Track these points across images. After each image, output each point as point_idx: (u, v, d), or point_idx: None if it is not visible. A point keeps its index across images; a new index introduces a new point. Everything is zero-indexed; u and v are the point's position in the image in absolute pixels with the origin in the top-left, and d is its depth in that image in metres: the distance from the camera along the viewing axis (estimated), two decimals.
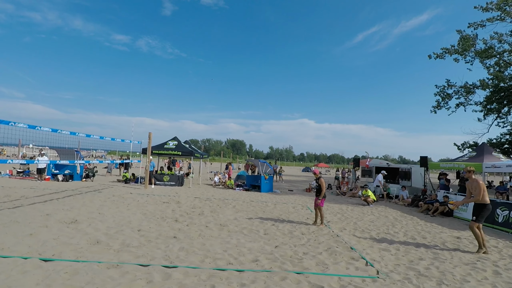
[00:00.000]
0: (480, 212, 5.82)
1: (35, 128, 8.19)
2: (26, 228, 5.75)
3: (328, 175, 41.71)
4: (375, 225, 8.12)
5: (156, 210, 8.47)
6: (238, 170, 21.25)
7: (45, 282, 3.47)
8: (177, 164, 21.89)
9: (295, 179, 28.98)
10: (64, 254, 4.45)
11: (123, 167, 20.71)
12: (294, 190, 17.13)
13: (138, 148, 16.12)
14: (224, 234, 6.29)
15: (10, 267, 3.84)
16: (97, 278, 3.67)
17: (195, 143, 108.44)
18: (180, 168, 20.37)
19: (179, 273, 3.99)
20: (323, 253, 5.25)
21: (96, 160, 27.35)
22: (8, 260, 4.07)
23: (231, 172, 20.20)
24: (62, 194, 10.55)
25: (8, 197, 9.28)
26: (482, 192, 5.77)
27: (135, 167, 26.01)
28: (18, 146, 29.97)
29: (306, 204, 11.53)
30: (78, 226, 6.21)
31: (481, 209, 5.82)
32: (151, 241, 5.46)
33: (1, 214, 6.88)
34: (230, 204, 10.37)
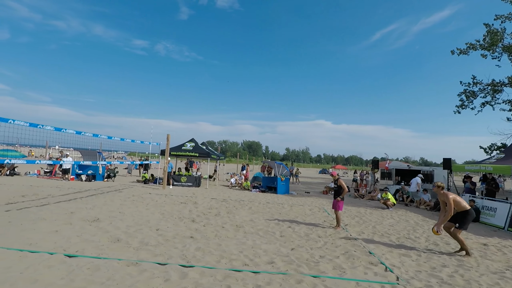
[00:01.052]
0: (462, 219, 5.75)
1: (61, 131, 8.55)
2: (51, 225, 6.01)
3: (346, 177, 41.00)
4: (395, 229, 7.91)
5: (174, 210, 8.62)
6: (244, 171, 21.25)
7: (69, 277, 3.61)
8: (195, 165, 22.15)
9: (312, 181, 28.70)
10: (87, 251, 4.62)
11: (142, 168, 21.22)
12: (311, 192, 16.98)
13: (157, 149, 16.48)
14: (240, 235, 6.32)
15: (37, 262, 4.02)
16: (117, 274, 3.79)
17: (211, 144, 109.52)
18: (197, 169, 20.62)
19: (196, 272, 4.04)
20: (340, 257, 5.17)
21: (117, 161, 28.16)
22: (35, 255, 4.28)
23: (248, 173, 20.25)
24: (85, 194, 10.94)
25: (36, 196, 9.72)
26: (452, 207, 5.65)
27: (154, 168, 26.58)
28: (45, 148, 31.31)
29: (323, 206, 11.40)
30: (100, 224, 6.42)
31: (464, 216, 5.75)
32: (169, 240, 5.56)
33: (29, 211, 7.22)
34: (246, 206, 10.41)
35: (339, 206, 7.51)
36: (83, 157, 17.69)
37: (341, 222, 7.68)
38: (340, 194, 7.53)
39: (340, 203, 7.52)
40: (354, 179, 21.45)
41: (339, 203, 7.50)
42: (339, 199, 7.51)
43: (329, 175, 44.90)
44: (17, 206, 7.84)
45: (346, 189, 7.53)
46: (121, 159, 37.24)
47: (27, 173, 17.22)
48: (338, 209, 7.50)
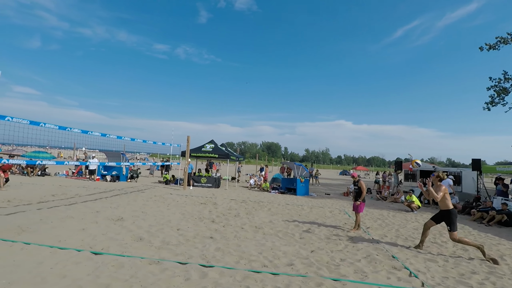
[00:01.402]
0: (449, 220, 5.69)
1: (87, 133, 8.91)
2: (79, 223, 6.27)
3: (368, 178, 40.04)
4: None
5: (194, 211, 8.76)
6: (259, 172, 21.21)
7: (95, 273, 3.75)
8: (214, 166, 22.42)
9: (332, 183, 28.26)
10: (111, 249, 4.78)
11: (163, 169, 21.72)
12: (331, 194, 16.72)
13: (178, 151, 16.79)
14: (259, 236, 6.33)
15: (65, 258, 4.22)
16: (140, 272, 3.90)
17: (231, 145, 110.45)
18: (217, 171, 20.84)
19: (215, 272, 4.09)
20: (362, 261, 5.05)
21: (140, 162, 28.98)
22: (64, 252, 4.48)
23: (267, 174, 20.24)
24: (110, 193, 11.34)
25: (65, 195, 10.19)
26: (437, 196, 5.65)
27: (174, 169, 27.14)
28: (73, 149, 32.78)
29: (344, 208, 11.19)
30: (123, 223, 6.63)
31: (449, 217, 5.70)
32: (189, 240, 5.66)
33: (58, 210, 7.58)
34: (266, 207, 10.40)
35: (359, 208, 7.35)
36: (108, 158, 18.35)
37: (360, 225, 7.50)
38: (361, 196, 7.37)
39: (361, 205, 7.35)
40: (376, 181, 20.92)
41: (359, 205, 7.34)
42: (359, 202, 7.35)
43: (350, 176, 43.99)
44: (48, 204, 8.25)
45: (364, 192, 7.37)
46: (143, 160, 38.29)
47: (56, 174, 18.08)
48: (359, 211, 7.34)
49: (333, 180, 32.98)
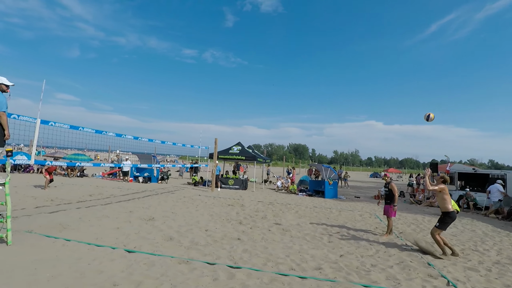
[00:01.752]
0: (443, 219, 5.79)
1: (121, 136, 9.38)
2: (114, 222, 6.60)
3: (400, 181, 38.42)
4: (459, 240, 7.19)
5: (222, 212, 8.88)
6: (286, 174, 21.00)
7: (128, 270, 3.92)
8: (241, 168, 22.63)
9: (362, 185, 27.43)
10: (143, 247, 4.98)
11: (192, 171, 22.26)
12: (361, 197, 16.23)
13: (206, 153, 17.14)
14: (286, 239, 6.28)
15: (102, 255, 4.45)
16: (170, 271, 4.02)
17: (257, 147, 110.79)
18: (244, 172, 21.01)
19: (243, 274, 4.11)
20: (394, 267, 4.85)
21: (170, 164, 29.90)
22: (100, 249, 4.73)
23: (294, 177, 20.08)
24: (142, 194, 11.81)
25: (101, 195, 10.76)
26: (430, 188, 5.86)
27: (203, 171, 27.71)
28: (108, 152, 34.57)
29: (375, 212, 10.82)
30: (154, 223, 6.87)
31: (444, 217, 5.79)
32: (217, 241, 5.74)
33: (95, 209, 8.02)
34: (293, 209, 10.31)
35: (391, 212, 7.06)
36: (140, 160, 19.12)
37: (393, 230, 7.20)
38: (392, 199, 7.07)
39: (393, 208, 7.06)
40: (409, 184, 20.04)
41: (391, 209, 7.05)
42: (395, 207, 7.03)
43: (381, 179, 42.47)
44: (86, 204, 8.76)
45: (396, 195, 7.05)
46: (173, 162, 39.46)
47: (93, 175, 19.14)
48: (391, 215, 7.05)
49: (363, 183, 31.99)
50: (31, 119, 6.23)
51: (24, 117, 6.02)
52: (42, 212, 7.27)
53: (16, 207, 7.55)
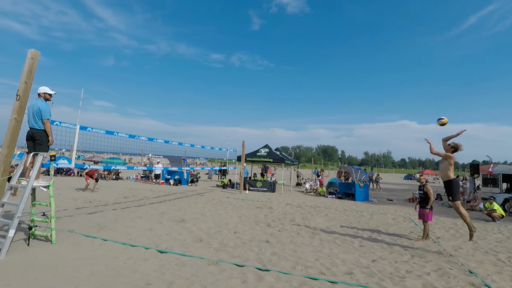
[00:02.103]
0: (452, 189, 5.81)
1: (152, 140, 9.75)
2: (146, 223, 6.85)
3: (437, 183, 36.41)
4: (505, 247, 6.65)
5: (250, 214, 8.92)
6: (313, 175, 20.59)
7: (160, 270, 4.05)
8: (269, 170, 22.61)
9: (395, 188, 26.31)
10: (174, 248, 5.12)
11: (221, 174, 22.59)
12: (394, 200, 15.57)
13: (233, 155, 17.34)
14: (315, 242, 6.17)
15: (136, 254, 4.64)
16: (200, 272, 4.09)
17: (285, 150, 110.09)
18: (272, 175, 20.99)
19: (271, 276, 4.09)
20: (432, 274, 4.58)
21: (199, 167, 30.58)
22: (134, 249, 4.93)
23: (323, 179, 19.72)
24: (172, 196, 12.17)
25: (135, 197, 11.24)
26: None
27: (231, 173, 28.03)
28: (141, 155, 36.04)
29: (409, 215, 10.33)
30: (185, 224, 7.05)
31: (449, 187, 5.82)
32: (246, 243, 5.77)
33: (130, 210, 8.39)
34: (322, 212, 10.12)
35: (427, 216, 6.69)
36: (171, 163, 19.74)
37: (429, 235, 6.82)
38: (427, 202, 6.71)
39: (429, 213, 6.70)
40: None
41: (427, 213, 6.69)
42: (427, 210, 6.68)
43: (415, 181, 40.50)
44: (121, 205, 9.19)
45: (432, 198, 6.68)
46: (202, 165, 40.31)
47: (128, 178, 20.03)
48: (427, 219, 6.69)
49: (396, 185, 30.70)
50: (71, 125, 6.65)
51: (65, 123, 6.44)
52: (82, 213, 7.72)
53: (59, 208, 8.09)
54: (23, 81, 4.78)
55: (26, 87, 4.82)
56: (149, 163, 24.16)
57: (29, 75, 4.85)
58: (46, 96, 5.34)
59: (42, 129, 5.15)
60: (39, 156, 4.98)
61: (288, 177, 24.89)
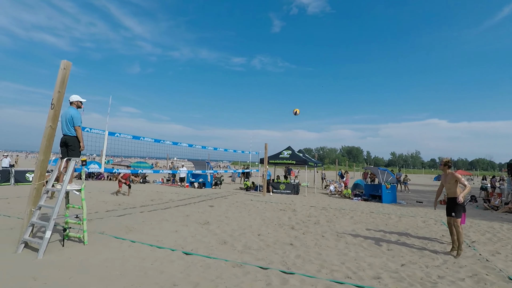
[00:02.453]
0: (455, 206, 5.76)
1: (177, 144, 9.99)
2: (172, 226, 7.01)
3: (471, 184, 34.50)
4: None
5: (273, 217, 8.89)
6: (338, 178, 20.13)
7: (186, 272, 4.13)
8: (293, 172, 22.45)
9: (425, 189, 25.21)
10: (199, 250, 5.20)
11: (244, 176, 22.71)
12: (424, 202, 14.92)
13: (256, 158, 17.37)
14: (341, 245, 6.04)
15: (162, 256, 4.76)
16: (225, 274, 4.12)
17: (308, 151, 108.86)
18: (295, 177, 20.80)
19: (296, 280, 4.05)
20: (467, 280, 4.33)
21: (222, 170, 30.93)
22: (161, 250, 5.06)
23: (348, 180, 19.29)
24: (197, 199, 12.38)
25: (161, 200, 11.54)
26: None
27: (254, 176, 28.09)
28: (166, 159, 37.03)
29: (440, 218, 9.85)
30: (209, 227, 7.14)
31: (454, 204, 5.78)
32: (269, 245, 5.75)
33: (156, 213, 8.62)
34: (348, 215, 9.89)
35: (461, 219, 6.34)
36: (195, 167, 20.12)
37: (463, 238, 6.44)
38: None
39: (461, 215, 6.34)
40: (482, 187, 17.91)
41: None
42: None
43: None
44: (148, 208, 9.47)
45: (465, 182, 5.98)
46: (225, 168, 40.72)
47: (154, 181, 20.63)
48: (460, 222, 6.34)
49: (426, 186, 29.41)
50: (100, 131, 6.96)
51: (95, 129, 6.75)
52: (112, 215, 8.04)
53: (90, 210, 8.47)
54: (56, 90, 5.06)
55: (59, 96, 5.10)
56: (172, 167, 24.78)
57: (62, 84, 5.13)
58: (78, 104, 5.63)
59: (74, 136, 5.43)
60: (71, 161, 5.25)
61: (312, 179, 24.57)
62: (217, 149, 13.12)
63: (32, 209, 4.95)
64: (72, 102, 5.58)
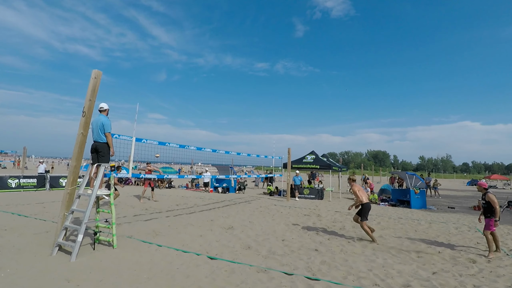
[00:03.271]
0: (361, 211, 6.97)
1: (201, 150, 10.18)
2: (197, 230, 7.12)
3: (508, 189, 32.38)
4: None
5: (298, 222, 8.78)
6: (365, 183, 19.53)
7: (211, 276, 4.17)
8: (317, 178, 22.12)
9: (458, 194, 23.94)
10: (224, 255, 5.23)
11: (267, 181, 22.66)
12: (456, 208, 14.16)
13: (279, 163, 17.31)
14: (368, 251, 5.86)
15: (188, 260, 4.84)
16: (249, 279, 4.12)
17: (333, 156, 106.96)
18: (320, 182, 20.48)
19: (321, 286, 3.97)
20: None
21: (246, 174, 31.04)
22: (187, 255, 5.15)
23: (373, 185, 18.71)
24: (221, 204, 12.50)
25: (186, 205, 11.76)
26: (359, 195, 6.97)
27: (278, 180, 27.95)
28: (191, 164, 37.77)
29: (474, 225, 9.30)
30: (234, 231, 7.18)
31: (361, 209, 6.98)
32: (294, 251, 5.68)
33: (181, 218, 8.79)
34: (374, 220, 9.58)
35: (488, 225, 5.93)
36: (219, 171, 20.35)
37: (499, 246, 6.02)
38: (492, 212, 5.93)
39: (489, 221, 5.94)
40: None
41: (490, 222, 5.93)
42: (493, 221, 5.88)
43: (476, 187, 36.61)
44: (174, 213, 9.67)
45: (497, 208, 5.84)
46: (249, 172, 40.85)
47: (179, 186, 21.08)
48: (487, 228, 5.91)
49: (458, 192, 27.93)
50: (128, 137, 7.24)
51: (123, 136, 7.03)
52: (139, 220, 8.29)
53: (119, 215, 8.79)
54: (87, 99, 5.33)
55: (90, 104, 5.37)
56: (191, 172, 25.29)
57: (93, 93, 5.40)
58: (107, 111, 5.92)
59: (105, 142, 5.69)
60: (101, 166, 5.49)
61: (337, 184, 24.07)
62: (241, 154, 13.23)
63: (66, 213, 5.22)
64: (103, 110, 5.85)
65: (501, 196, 20.82)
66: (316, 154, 17.11)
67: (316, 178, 21.85)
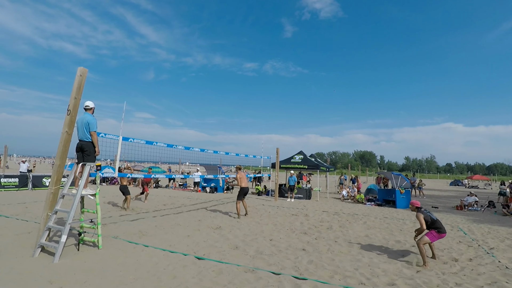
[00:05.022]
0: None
1: (189, 149, 10.09)
2: (185, 230, 7.06)
3: (489, 189, 33.44)
4: None
5: (285, 222, 8.83)
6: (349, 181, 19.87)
7: (198, 277, 4.14)
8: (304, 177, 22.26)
9: (441, 194, 24.56)
10: (212, 255, 5.21)
11: (256, 181, 22.67)
12: (440, 207, 14.53)
13: (268, 163, 17.33)
14: (354, 251, 5.94)
15: (175, 261, 4.79)
16: (237, 279, 4.11)
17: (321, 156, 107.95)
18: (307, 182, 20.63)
19: (308, 286, 4.00)
20: None
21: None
22: (174, 255, 5.10)
23: (361, 185, 19.00)
24: (209, 204, 12.43)
25: (173, 204, 11.64)
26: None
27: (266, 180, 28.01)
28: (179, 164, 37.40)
29: (457, 224, 9.57)
30: (221, 232, 7.15)
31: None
32: (282, 251, 5.71)
33: (169, 218, 8.70)
34: (361, 220, 9.73)
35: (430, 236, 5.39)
36: (207, 171, 20.23)
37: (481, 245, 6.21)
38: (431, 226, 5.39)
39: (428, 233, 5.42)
40: (501, 192, 17.31)
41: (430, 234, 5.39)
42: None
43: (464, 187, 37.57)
44: (161, 213, 9.56)
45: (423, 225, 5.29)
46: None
47: (167, 186, 20.84)
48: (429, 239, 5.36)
49: (441, 192, 28.65)
50: (114, 136, 7.11)
51: (109, 135, 6.89)
52: (125, 220, 8.16)
53: (104, 215, 8.62)
54: (73, 97, 5.21)
55: (75, 103, 5.25)
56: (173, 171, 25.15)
57: (78, 91, 5.27)
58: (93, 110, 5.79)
59: (90, 141, 5.57)
60: (87, 166, 5.37)
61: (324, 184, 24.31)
62: (229, 153, 13.19)
63: (49, 214, 5.08)
64: (89, 108, 5.72)
65: (482, 196, 21.50)
66: (304, 154, 17.23)
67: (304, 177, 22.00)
